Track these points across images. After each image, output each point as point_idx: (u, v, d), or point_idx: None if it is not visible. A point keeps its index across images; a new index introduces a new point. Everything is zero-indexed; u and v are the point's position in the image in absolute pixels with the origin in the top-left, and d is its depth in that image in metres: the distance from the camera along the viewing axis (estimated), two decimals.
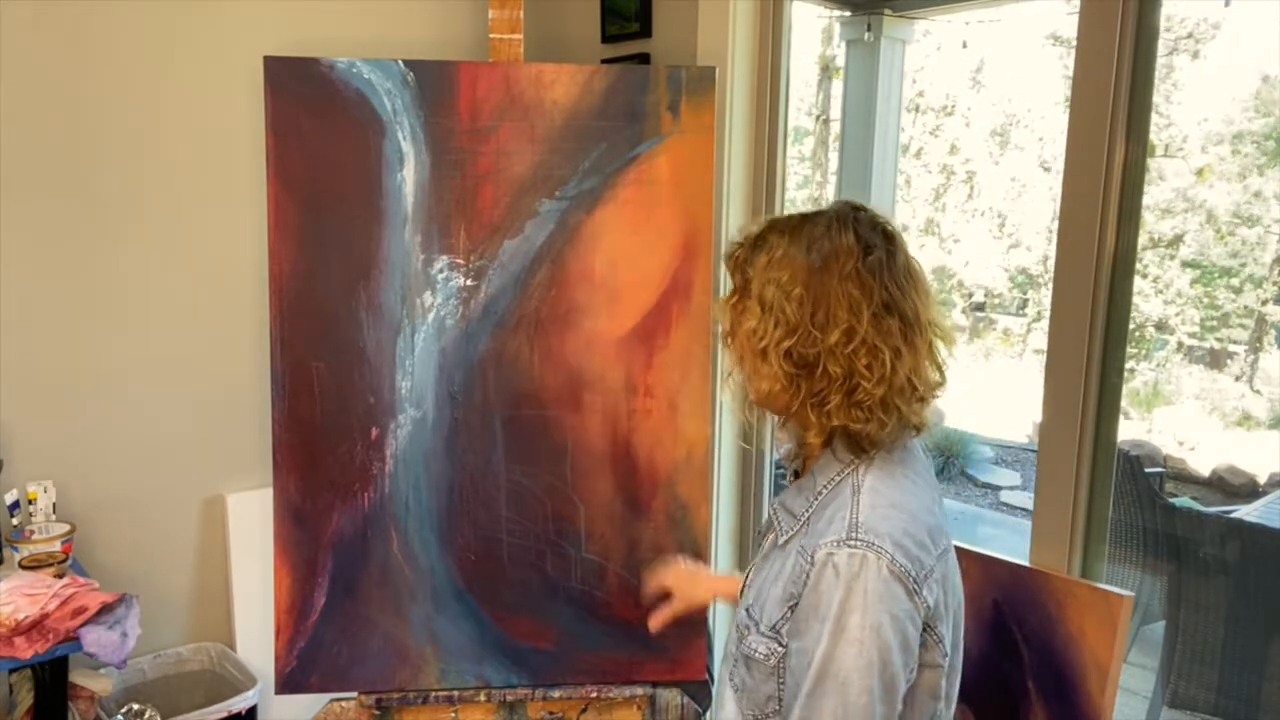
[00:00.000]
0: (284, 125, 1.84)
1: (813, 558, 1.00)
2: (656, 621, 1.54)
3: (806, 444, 1.10)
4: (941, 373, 1.08)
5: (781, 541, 1.10)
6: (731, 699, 1.13)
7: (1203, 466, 6.45)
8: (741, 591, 1.18)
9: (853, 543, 0.98)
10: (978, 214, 11.32)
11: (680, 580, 1.58)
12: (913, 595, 0.98)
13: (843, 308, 1.01)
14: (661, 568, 1.64)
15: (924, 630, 1.01)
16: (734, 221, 2.28)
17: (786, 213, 1.18)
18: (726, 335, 1.12)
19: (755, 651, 1.07)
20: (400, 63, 1.86)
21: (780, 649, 1.05)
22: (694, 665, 1.93)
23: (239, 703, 2.08)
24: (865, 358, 1.01)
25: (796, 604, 1.03)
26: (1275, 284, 9.02)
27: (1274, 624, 2.82)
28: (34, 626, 1.64)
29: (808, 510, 1.07)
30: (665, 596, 1.58)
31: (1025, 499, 6.24)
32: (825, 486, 1.06)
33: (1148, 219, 8.77)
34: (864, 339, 1.00)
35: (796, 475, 1.18)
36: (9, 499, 1.98)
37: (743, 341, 1.08)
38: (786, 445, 1.21)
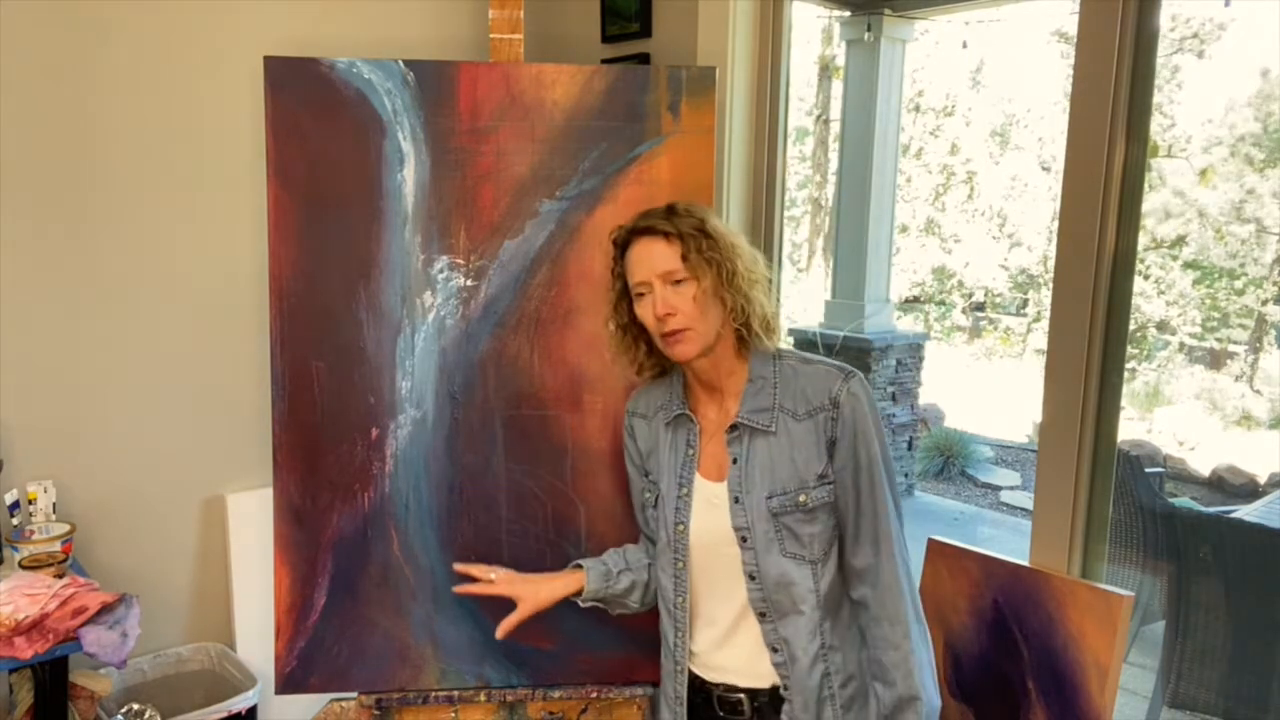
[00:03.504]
0: (284, 125, 1.84)
1: (835, 402, 1.36)
2: (504, 629, 1.56)
3: (745, 348, 1.44)
4: None
5: (773, 429, 1.39)
6: (792, 568, 1.39)
7: (1203, 466, 6.45)
8: (737, 499, 1.40)
9: (849, 376, 1.38)
10: (978, 214, 11.33)
11: (520, 585, 1.59)
12: None
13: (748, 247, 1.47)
14: (497, 578, 1.60)
15: None
16: (734, 221, 2.28)
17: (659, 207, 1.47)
18: (724, 282, 1.37)
19: (821, 500, 1.37)
20: (400, 63, 1.86)
21: (831, 486, 1.38)
22: None
23: (239, 703, 2.08)
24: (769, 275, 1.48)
25: (831, 444, 1.37)
26: (1275, 284, 9.02)
27: (1274, 624, 2.82)
28: (34, 626, 1.64)
29: (773, 399, 1.40)
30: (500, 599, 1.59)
31: (1025, 499, 6.24)
32: (774, 378, 1.42)
33: (1149, 220, 8.77)
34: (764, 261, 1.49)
35: (691, 418, 1.47)
36: (9, 499, 1.98)
37: (743, 278, 1.39)
38: (660, 397, 1.54)
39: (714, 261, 1.37)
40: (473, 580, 1.59)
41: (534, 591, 1.57)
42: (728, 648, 1.45)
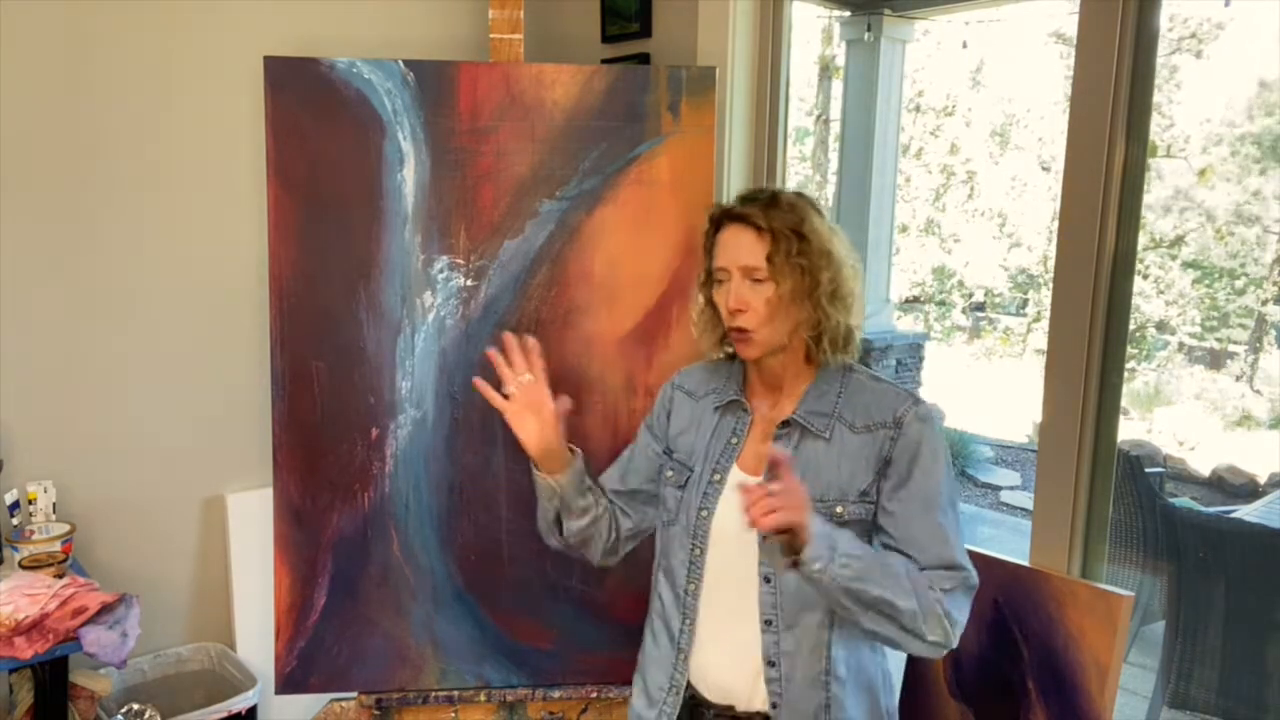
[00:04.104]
0: (284, 125, 1.84)
1: (899, 423, 1.33)
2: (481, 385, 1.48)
3: (814, 355, 1.38)
4: None
5: (827, 435, 1.36)
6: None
7: (1203, 466, 6.45)
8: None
9: (918, 402, 1.35)
10: (978, 214, 11.32)
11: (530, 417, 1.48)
12: None
13: (847, 253, 1.38)
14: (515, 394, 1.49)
15: None
16: None
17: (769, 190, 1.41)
18: (806, 289, 1.33)
19: (857, 516, 1.34)
20: (400, 63, 1.86)
21: (870, 506, 1.35)
22: None
23: (239, 703, 2.08)
24: (859, 285, 1.39)
25: (885, 464, 1.33)
26: (1275, 284, 9.02)
27: (1274, 624, 2.82)
28: (34, 626, 1.64)
29: (834, 407, 1.37)
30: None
31: (1025, 499, 6.24)
32: (840, 388, 1.39)
33: (1148, 219, 8.77)
34: (860, 274, 1.40)
35: (745, 408, 1.44)
36: (9, 499, 1.98)
37: (824, 290, 1.33)
38: (712, 383, 1.49)
39: (800, 268, 1.31)
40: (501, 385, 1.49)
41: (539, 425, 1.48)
42: (726, 651, 1.40)
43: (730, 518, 1.38)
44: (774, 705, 1.35)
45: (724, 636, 1.41)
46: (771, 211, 1.33)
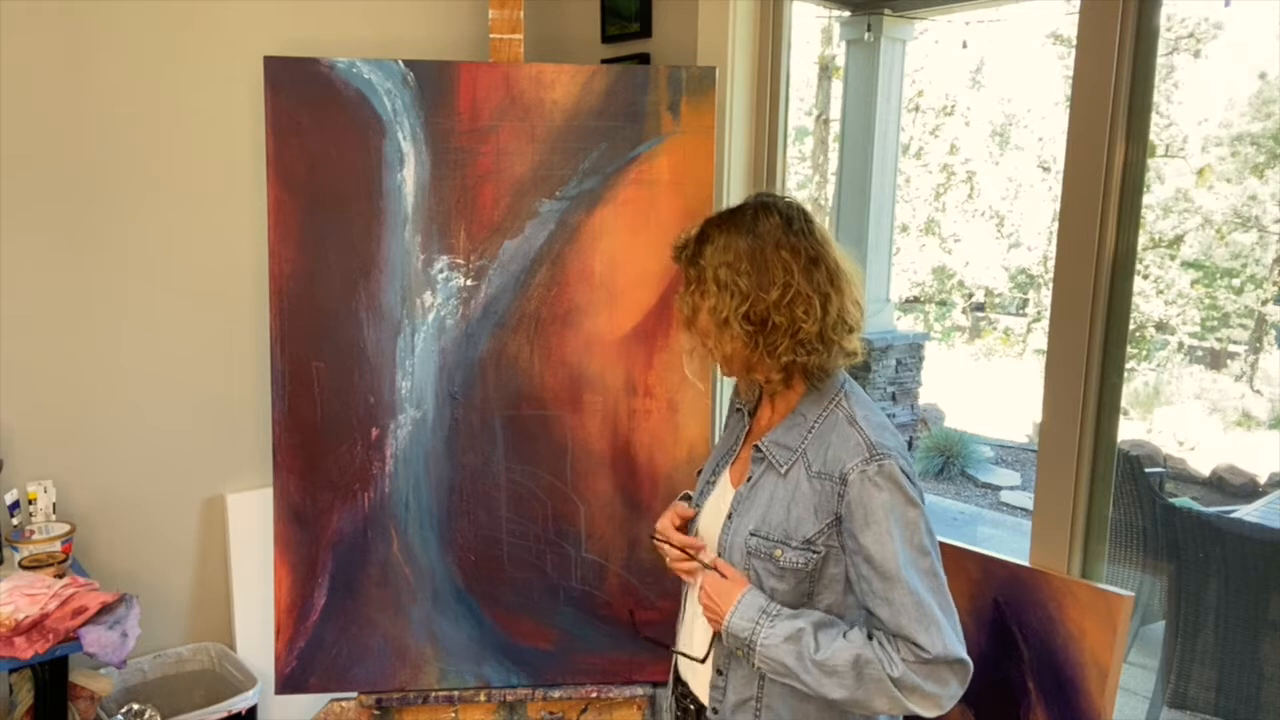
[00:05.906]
0: (284, 125, 1.84)
1: (844, 479, 1.24)
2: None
3: (770, 383, 1.32)
4: (861, 308, 1.32)
5: (784, 471, 1.30)
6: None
7: (1203, 466, 6.45)
8: (730, 516, 1.34)
9: (871, 459, 1.23)
10: (978, 214, 11.33)
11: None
12: (914, 483, 1.27)
13: (779, 268, 1.25)
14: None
15: None
16: None
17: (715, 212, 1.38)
18: (688, 320, 1.33)
19: (794, 564, 1.27)
20: (400, 63, 1.86)
21: (815, 556, 1.27)
22: None
23: (239, 703, 2.08)
24: (802, 305, 1.25)
25: (836, 519, 1.25)
26: (1275, 284, 9.02)
27: (1274, 624, 2.82)
28: (34, 626, 1.64)
29: (802, 443, 1.30)
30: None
31: (1025, 499, 6.24)
32: (816, 423, 1.30)
33: (1147, 219, 8.77)
34: (799, 290, 1.24)
35: (751, 414, 1.42)
36: (9, 499, 1.98)
37: (705, 320, 1.29)
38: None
39: (700, 305, 1.29)
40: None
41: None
42: (695, 644, 1.42)
43: (706, 521, 1.41)
44: (714, 710, 1.37)
45: (696, 631, 1.43)
46: (691, 252, 1.32)
